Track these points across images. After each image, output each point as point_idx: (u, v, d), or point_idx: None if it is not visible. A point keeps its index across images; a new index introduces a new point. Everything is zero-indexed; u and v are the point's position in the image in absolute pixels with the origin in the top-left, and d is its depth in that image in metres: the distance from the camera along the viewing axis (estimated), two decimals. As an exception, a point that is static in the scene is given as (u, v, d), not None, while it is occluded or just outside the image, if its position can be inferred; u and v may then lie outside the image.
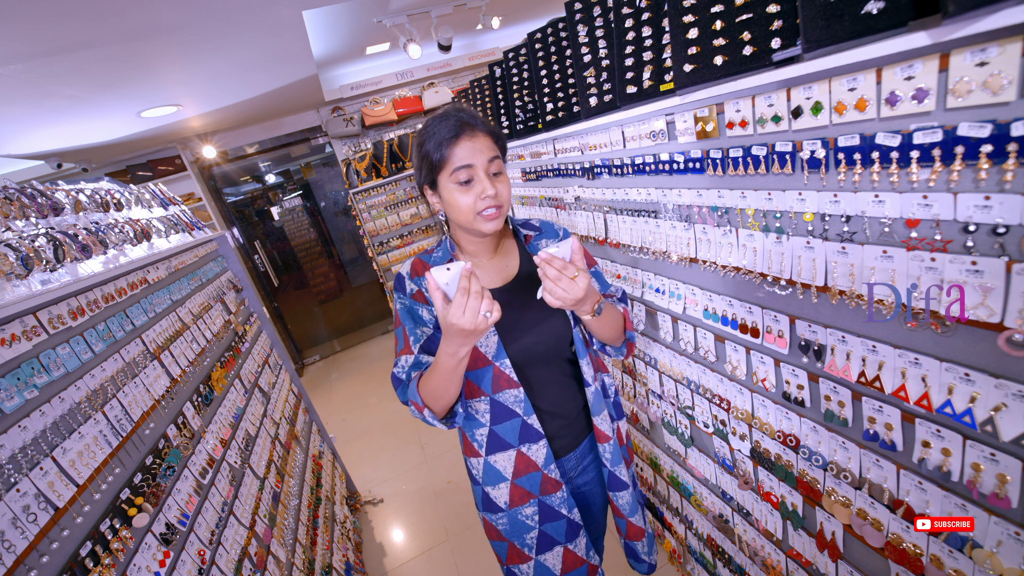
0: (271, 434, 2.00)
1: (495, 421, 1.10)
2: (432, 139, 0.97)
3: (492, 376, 1.07)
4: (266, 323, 2.70)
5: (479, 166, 0.96)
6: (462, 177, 0.96)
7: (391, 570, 2.40)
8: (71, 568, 0.86)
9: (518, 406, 1.09)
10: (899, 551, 0.93)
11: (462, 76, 5.11)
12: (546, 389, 1.12)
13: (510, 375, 1.07)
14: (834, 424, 1.02)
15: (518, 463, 1.12)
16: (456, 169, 0.96)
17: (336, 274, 6.02)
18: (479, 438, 1.12)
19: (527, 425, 1.10)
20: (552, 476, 1.13)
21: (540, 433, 1.11)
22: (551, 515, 1.16)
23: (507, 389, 1.07)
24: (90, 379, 1.10)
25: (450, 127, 0.96)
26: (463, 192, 0.97)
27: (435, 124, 0.98)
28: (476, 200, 0.97)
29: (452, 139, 0.95)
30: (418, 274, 1.08)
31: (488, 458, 1.12)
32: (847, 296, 0.90)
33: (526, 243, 1.16)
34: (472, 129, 0.97)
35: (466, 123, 0.97)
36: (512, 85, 2.00)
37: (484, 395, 1.08)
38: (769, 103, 0.94)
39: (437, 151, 0.96)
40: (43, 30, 1.76)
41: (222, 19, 2.12)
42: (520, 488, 1.13)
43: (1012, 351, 0.68)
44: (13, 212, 1.18)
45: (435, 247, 1.14)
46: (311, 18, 2.90)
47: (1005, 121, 0.63)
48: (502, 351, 1.06)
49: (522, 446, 1.11)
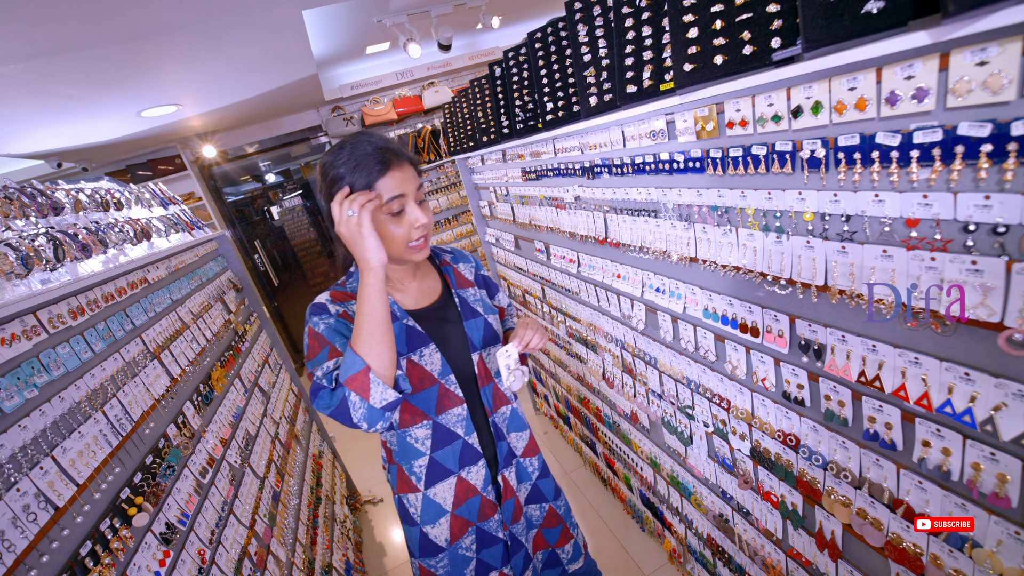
0: (271, 433, 2.00)
1: (436, 447, 1.08)
2: (355, 167, 0.93)
3: (437, 395, 1.05)
4: (266, 323, 2.70)
5: (410, 195, 0.95)
6: (395, 208, 0.94)
7: (391, 570, 2.40)
8: (71, 567, 0.86)
9: (460, 426, 1.08)
10: (899, 550, 0.94)
11: (462, 75, 5.10)
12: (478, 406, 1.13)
13: (455, 391, 1.07)
14: (834, 423, 1.02)
15: (458, 491, 1.10)
16: (389, 199, 0.93)
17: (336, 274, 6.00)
18: (417, 470, 1.09)
19: (468, 446, 1.09)
20: (490, 498, 1.14)
21: (479, 452, 1.11)
22: (487, 540, 1.16)
23: (450, 409, 1.07)
24: (90, 378, 1.10)
25: (376, 155, 0.92)
26: (395, 223, 0.95)
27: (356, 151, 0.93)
28: (409, 230, 0.96)
29: (382, 169, 0.92)
30: (340, 300, 1.05)
31: (427, 492, 1.09)
32: (847, 296, 0.90)
33: (443, 265, 1.19)
34: (398, 158, 0.95)
35: (392, 152, 0.95)
36: (512, 84, 2.00)
37: (426, 419, 1.06)
38: (769, 102, 0.94)
39: (364, 179, 0.92)
40: (43, 30, 1.75)
41: (222, 19, 2.12)
42: (459, 519, 1.12)
43: (1012, 351, 0.68)
44: (13, 212, 1.18)
45: (346, 279, 1.11)
46: (311, 18, 2.90)
47: (1005, 121, 0.63)
48: (447, 367, 1.06)
49: (462, 471, 1.10)
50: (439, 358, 1.05)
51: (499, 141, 2.27)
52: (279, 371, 2.53)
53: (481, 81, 2.31)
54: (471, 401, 1.11)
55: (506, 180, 2.53)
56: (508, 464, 1.17)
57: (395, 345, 0.91)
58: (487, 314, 1.17)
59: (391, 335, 0.90)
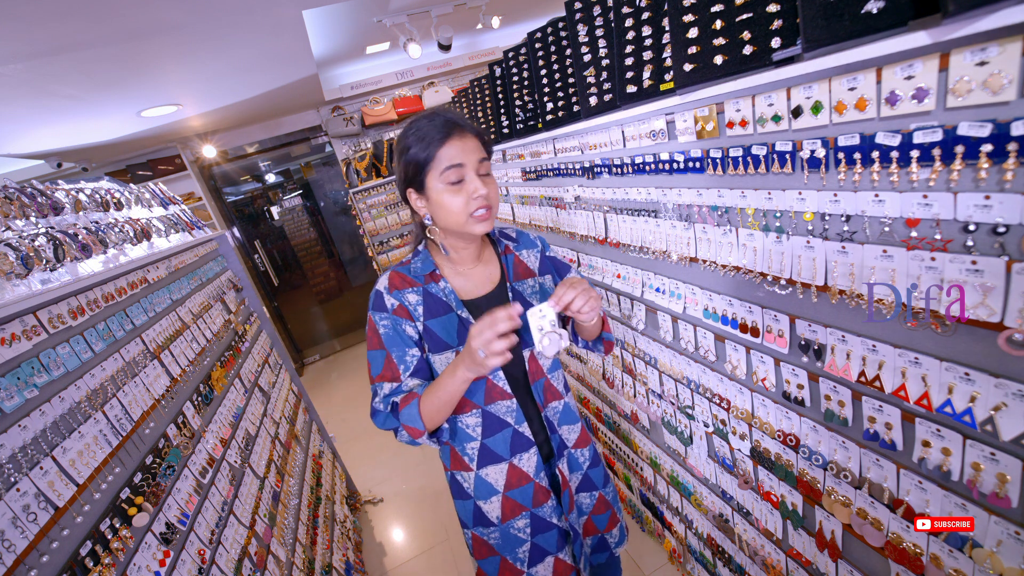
0: (271, 433, 2.00)
1: (486, 434, 1.09)
2: (419, 139, 0.95)
3: (485, 388, 1.06)
4: (266, 322, 2.70)
5: (469, 165, 0.95)
6: (452, 177, 0.94)
7: (391, 570, 2.40)
8: (71, 567, 0.86)
9: (510, 416, 1.08)
10: (899, 550, 0.94)
11: (462, 75, 5.11)
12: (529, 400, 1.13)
13: (503, 387, 1.07)
14: (834, 423, 1.02)
15: (510, 476, 1.11)
16: (447, 168, 0.94)
17: (336, 273, 6.02)
18: (470, 452, 1.10)
19: (518, 434, 1.10)
20: (543, 484, 1.13)
21: (531, 440, 1.11)
22: (543, 526, 1.15)
23: (499, 400, 1.07)
24: (90, 378, 1.10)
25: (438, 127, 0.94)
26: (454, 193, 0.95)
27: (421, 124, 0.96)
28: (468, 200, 0.95)
29: (442, 139, 0.93)
30: (396, 287, 1.04)
31: (480, 472, 1.11)
32: (847, 296, 0.90)
33: (505, 253, 1.16)
34: (461, 129, 0.95)
35: (455, 123, 0.95)
36: (512, 84, 2.00)
37: (475, 408, 1.07)
38: (769, 102, 0.94)
39: (425, 151, 0.94)
40: (43, 30, 1.75)
41: (222, 19, 2.12)
42: (512, 500, 1.12)
43: (1012, 350, 0.68)
44: (13, 212, 1.18)
45: (411, 257, 1.10)
46: (311, 18, 2.90)
47: (1005, 120, 0.63)
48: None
49: (514, 458, 1.10)
50: None
51: (499, 141, 2.27)
52: (279, 371, 2.53)
53: (481, 81, 2.31)
54: (521, 396, 1.10)
55: (506, 180, 2.53)
56: (560, 455, 1.17)
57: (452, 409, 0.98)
58: None
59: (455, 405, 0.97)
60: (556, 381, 1.18)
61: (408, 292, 1.04)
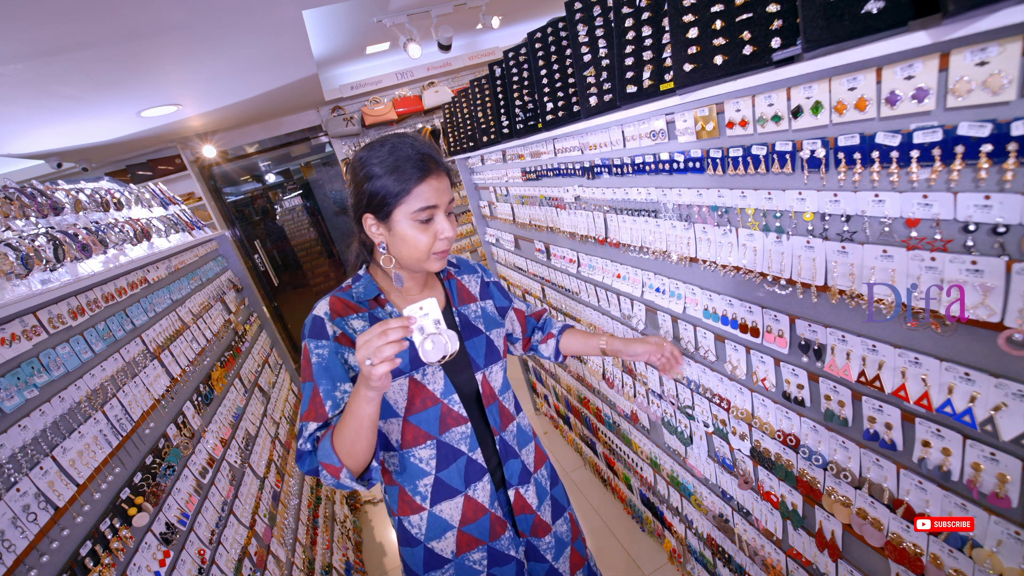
0: (271, 433, 2.00)
1: (440, 467, 1.05)
2: (393, 169, 0.91)
3: (439, 415, 1.03)
4: (266, 323, 2.70)
5: (442, 207, 0.94)
6: (423, 217, 0.93)
7: (391, 569, 2.40)
8: (71, 567, 0.86)
9: (463, 443, 1.06)
10: (899, 550, 0.94)
11: (462, 75, 5.10)
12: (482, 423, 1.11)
13: (459, 411, 1.04)
14: (834, 423, 1.02)
15: (466, 510, 1.08)
16: (421, 208, 0.92)
17: (336, 273, 6.02)
18: (422, 489, 1.06)
19: (471, 462, 1.07)
20: (498, 515, 1.11)
21: (483, 467, 1.08)
22: (500, 559, 1.13)
23: (454, 427, 1.04)
24: (90, 378, 1.10)
25: (415, 161, 0.91)
26: (421, 231, 0.93)
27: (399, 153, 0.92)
28: (433, 240, 0.94)
29: (420, 176, 0.91)
30: (339, 314, 0.98)
31: (433, 509, 1.06)
32: (847, 296, 0.90)
33: (447, 279, 1.15)
34: (437, 167, 0.94)
35: (433, 159, 0.93)
36: (512, 84, 2.00)
37: (429, 438, 1.03)
38: (769, 103, 0.94)
39: (400, 184, 0.91)
40: (43, 30, 1.75)
41: (222, 19, 2.12)
42: (467, 535, 1.09)
43: (1012, 351, 0.68)
44: (13, 212, 1.18)
45: (351, 282, 1.06)
46: (311, 18, 2.90)
47: (1005, 121, 0.63)
48: (450, 387, 1.03)
49: (468, 489, 1.07)
50: (442, 377, 1.03)
51: (499, 141, 2.27)
52: (279, 371, 2.53)
53: (481, 81, 2.31)
54: (475, 420, 1.08)
55: (506, 180, 2.53)
56: (525, 482, 1.15)
57: (375, 446, 0.90)
58: (489, 330, 1.14)
59: (374, 439, 0.89)
60: (507, 402, 1.16)
61: (352, 318, 0.99)
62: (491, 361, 1.12)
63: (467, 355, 1.09)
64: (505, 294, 1.29)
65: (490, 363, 1.11)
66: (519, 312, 1.33)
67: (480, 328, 1.13)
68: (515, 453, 1.14)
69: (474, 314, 1.14)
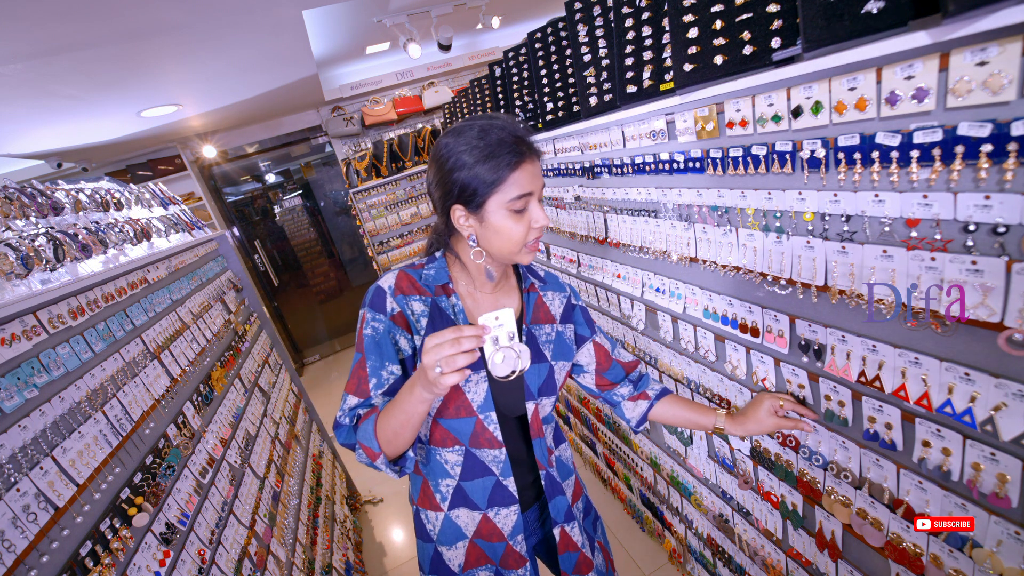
0: (271, 434, 2.00)
1: (465, 476, 0.99)
2: (486, 156, 0.83)
3: (472, 430, 0.97)
4: (266, 323, 2.70)
5: (536, 193, 0.87)
6: (519, 206, 0.86)
7: (391, 570, 2.40)
8: (71, 567, 0.86)
9: (496, 465, 0.99)
10: (899, 551, 0.94)
11: (462, 76, 5.10)
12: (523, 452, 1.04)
13: (493, 432, 0.97)
14: (834, 423, 1.02)
15: (482, 526, 1.02)
16: (517, 197, 0.85)
17: (336, 273, 6.02)
18: (443, 490, 1.01)
19: (501, 486, 1.00)
20: (517, 549, 1.04)
21: (514, 497, 1.01)
22: None
23: (486, 448, 0.98)
24: (90, 379, 1.10)
25: (509, 145, 0.83)
26: (516, 220, 0.86)
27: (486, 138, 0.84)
28: (528, 230, 0.88)
29: (516, 162, 0.84)
30: (403, 291, 0.94)
31: (450, 512, 1.01)
32: (847, 296, 0.90)
33: (528, 291, 1.05)
34: (531, 151, 0.87)
35: (527, 143, 0.86)
36: (512, 85, 2.00)
37: (459, 444, 0.98)
38: (769, 103, 0.94)
39: (494, 172, 0.83)
40: (43, 30, 1.75)
41: (222, 19, 2.12)
42: (478, 548, 1.03)
43: (1012, 351, 0.68)
44: (13, 212, 1.18)
45: (426, 262, 1.01)
46: (311, 18, 2.90)
47: (1005, 121, 0.63)
48: (490, 402, 0.95)
49: (490, 510, 1.01)
50: (484, 389, 0.95)
51: (499, 141, 2.26)
52: (279, 371, 2.53)
53: (481, 81, 2.31)
54: (513, 446, 1.01)
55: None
56: (571, 519, 1.08)
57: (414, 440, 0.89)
58: (557, 360, 1.04)
59: (415, 434, 0.87)
60: (550, 434, 1.09)
61: (414, 299, 0.94)
62: (546, 393, 1.02)
63: (522, 380, 0.99)
64: (590, 323, 1.15)
65: (544, 395, 1.01)
66: (599, 347, 1.16)
67: (546, 355, 1.02)
68: (561, 490, 1.06)
69: (546, 337, 1.04)
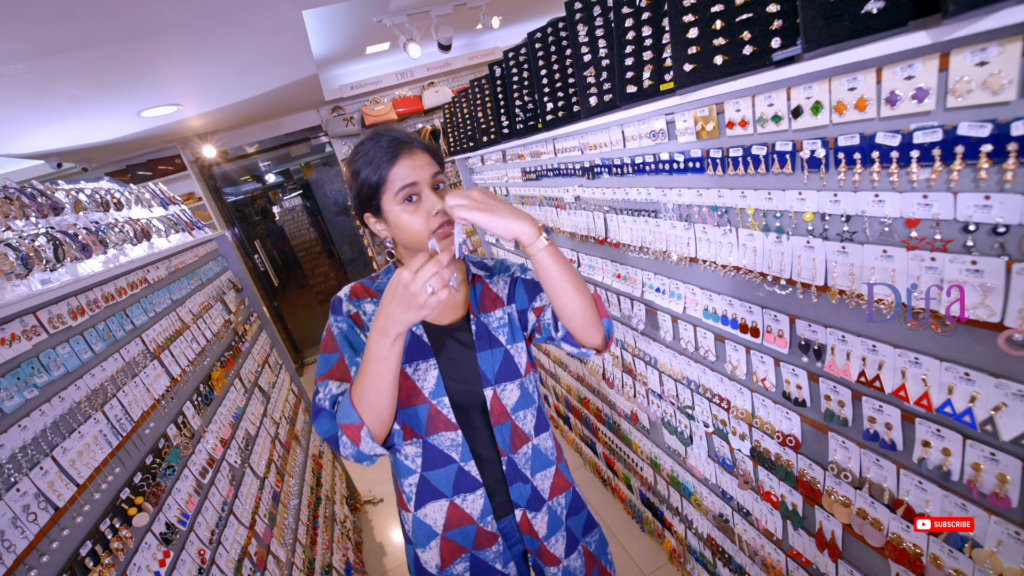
0: (271, 433, 2.00)
1: (427, 467, 1.00)
2: (367, 162, 0.92)
3: (427, 416, 0.98)
4: (266, 323, 2.70)
5: (423, 182, 0.91)
6: (406, 195, 0.91)
7: (391, 570, 2.40)
8: (71, 567, 0.86)
9: (455, 451, 1.00)
10: (899, 551, 0.94)
11: (462, 75, 5.10)
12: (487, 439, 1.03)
13: (448, 416, 0.98)
14: (834, 424, 1.02)
15: (451, 515, 1.02)
16: (400, 189, 0.90)
17: (336, 274, 6.02)
18: (407, 489, 1.02)
19: (463, 472, 1.01)
20: (488, 529, 1.04)
21: (478, 481, 1.01)
22: (484, 570, 1.06)
23: (443, 431, 0.99)
24: (90, 379, 1.10)
25: (384, 147, 0.91)
26: (411, 212, 0.91)
27: (367, 147, 0.93)
28: (427, 218, 0.91)
29: (391, 159, 0.91)
30: (357, 296, 1.01)
31: (417, 512, 1.02)
32: (847, 296, 0.90)
33: (473, 283, 1.07)
34: (408, 147, 0.93)
35: (401, 141, 0.93)
36: (512, 85, 1.99)
37: (416, 437, 0.99)
38: (769, 103, 0.94)
39: (376, 173, 0.91)
40: (43, 30, 1.75)
41: (222, 19, 2.12)
42: (451, 542, 1.04)
43: (1012, 351, 0.68)
44: (13, 212, 1.18)
45: (380, 273, 1.07)
46: (311, 18, 2.90)
47: (1005, 121, 0.63)
48: (441, 388, 0.98)
49: (456, 497, 1.01)
50: (435, 376, 0.98)
51: (499, 141, 2.27)
52: (279, 371, 2.53)
53: (481, 81, 2.31)
54: (472, 432, 1.02)
55: (506, 180, 2.53)
56: (535, 509, 1.07)
57: (395, 404, 0.88)
58: (512, 343, 1.04)
59: (395, 391, 0.86)
60: (523, 421, 1.06)
61: (366, 302, 1.01)
62: (506, 378, 1.02)
63: (477, 368, 1.01)
64: (532, 293, 1.08)
65: (504, 380, 1.02)
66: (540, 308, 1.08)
67: (500, 340, 1.03)
68: (524, 477, 1.05)
69: (498, 322, 1.05)
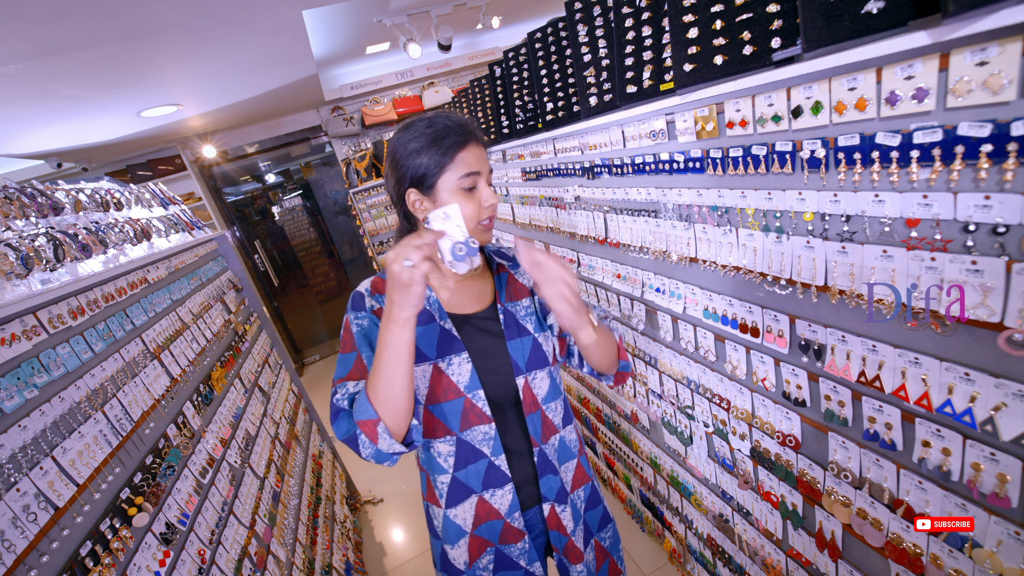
0: (271, 434, 2.00)
1: (459, 466, 1.00)
2: (436, 140, 0.90)
3: (462, 410, 0.97)
4: (266, 323, 2.70)
5: (484, 174, 0.93)
6: (468, 184, 0.91)
7: (391, 570, 2.40)
8: (71, 568, 0.86)
9: (486, 444, 0.99)
10: (899, 551, 0.94)
11: (462, 76, 5.10)
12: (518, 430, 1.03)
13: (482, 409, 0.98)
14: (834, 423, 1.02)
15: (479, 510, 1.02)
16: (466, 175, 0.90)
17: (336, 274, 6.02)
18: (440, 486, 1.03)
19: (493, 467, 1.01)
20: (515, 526, 1.04)
21: (507, 476, 1.01)
22: (507, 564, 1.06)
23: (476, 425, 0.98)
24: (90, 379, 1.10)
25: (455, 130, 0.91)
26: (467, 199, 0.91)
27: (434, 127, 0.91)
28: (479, 208, 0.92)
29: (462, 143, 0.90)
30: (379, 291, 0.99)
31: (448, 511, 1.03)
32: (847, 296, 0.90)
33: (498, 272, 1.07)
34: (476, 137, 0.93)
35: (472, 130, 0.93)
36: (512, 85, 2.00)
37: (450, 434, 0.99)
38: (769, 103, 0.94)
39: (444, 154, 0.90)
40: (43, 30, 1.75)
41: (222, 19, 2.12)
42: (478, 539, 1.04)
43: (1012, 351, 0.68)
44: (13, 212, 1.18)
45: None
46: (311, 18, 2.90)
47: (1005, 121, 0.63)
48: (476, 381, 0.97)
49: (485, 492, 1.01)
50: (469, 370, 0.97)
51: (499, 141, 2.27)
52: (279, 371, 2.53)
53: (481, 81, 2.31)
54: (504, 424, 1.01)
55: (506, 180, 2.53)
56: (563, 502, 1.07)
57: (412, 396, 0.86)
58: (538, 332, 1.04)
59: (411, 381, 0.84)
60: (554, 412, 1.06)
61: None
62: (536, 366, 1.02)
63: (508, 356, 1.00)
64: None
65: (535, 368, 1.02)
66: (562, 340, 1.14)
67: (528, 328, 1.04)
68: (554, 469, 1.05)
69: (524, 311, 1.05)
